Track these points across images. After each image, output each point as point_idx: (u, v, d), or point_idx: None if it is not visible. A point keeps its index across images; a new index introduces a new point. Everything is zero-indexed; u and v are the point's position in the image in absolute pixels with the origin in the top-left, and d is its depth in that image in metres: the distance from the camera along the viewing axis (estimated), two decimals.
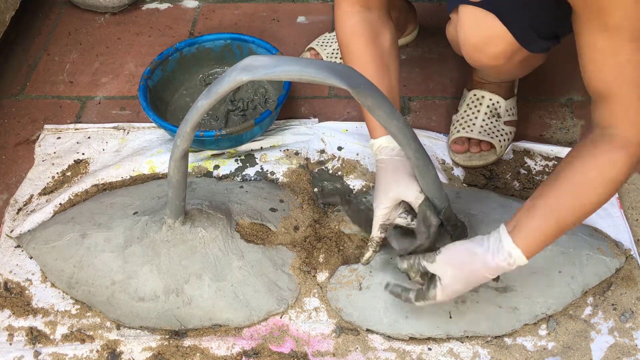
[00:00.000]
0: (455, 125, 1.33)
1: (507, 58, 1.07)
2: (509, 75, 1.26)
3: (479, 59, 1.10)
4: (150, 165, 1.33)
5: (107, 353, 1.07)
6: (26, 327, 1.10)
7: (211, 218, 1.13)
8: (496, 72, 1.23)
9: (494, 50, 1.06)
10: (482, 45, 1.06)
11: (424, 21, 1.60)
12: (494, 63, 1.09)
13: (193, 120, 0.91)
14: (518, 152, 1.33)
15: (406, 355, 1.05)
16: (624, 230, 1.18)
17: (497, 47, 1.05)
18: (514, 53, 1.07)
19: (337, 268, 1.14)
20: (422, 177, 0.98)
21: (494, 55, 1.07)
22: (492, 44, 1.05)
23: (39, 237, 1.19)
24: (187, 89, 1.46)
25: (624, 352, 1.04)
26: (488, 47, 1.06)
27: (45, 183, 1.32)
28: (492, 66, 1.10)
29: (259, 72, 0.82)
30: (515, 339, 1.06)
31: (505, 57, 1.07)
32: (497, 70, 1.16)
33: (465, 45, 1.09)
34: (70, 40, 1.66)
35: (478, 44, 1.07)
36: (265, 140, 1.36)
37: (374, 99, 0.85)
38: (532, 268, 1.09)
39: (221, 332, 1.09)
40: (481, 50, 1.07)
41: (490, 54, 1.07)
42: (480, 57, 1.09)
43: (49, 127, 1.43)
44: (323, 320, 1.10)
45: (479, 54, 1.08)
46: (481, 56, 1.08)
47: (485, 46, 1.06)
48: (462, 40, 1.08)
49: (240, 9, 1.72)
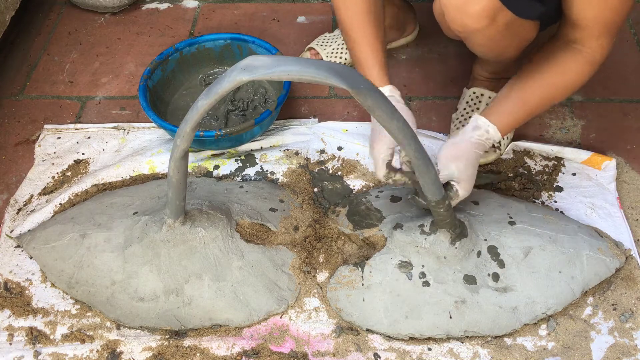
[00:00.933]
0: (455, 123, 1.33)
1: (490, 17, 1.06)
2: (499, 50, 1.22)
3: (462, 21, 1.08)
4: (150, 165, 1.33)
5: (107, 353, 1.07)
6: (26, 327, 1.10)
7: (211, 218, 1.13)
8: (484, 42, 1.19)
9: (475, 7, 1.04)
10: (463, 3, 1.06)
11: (424, 21, 1.60)
12: (477, 24, 1.07)
13: (193, 120, 0.91)
14: (518, 152, 1.33)
15: (406, 355, 1.05)
16: (624, 230, 1.18)
17: (478, 4, 1.04)
18: (496, 12, 1.05)
19: (337, 268, 1.14)
20: (422, 177, 0.99)
21: (476, 14, 1.05)
22: (473, 2, 1.05)
23: (39, 237, 1.19)
24: (187, 89, 1.46)
25: (624, 352, 1.04)
26: (469, 5, 1.05)
27: (45, 183, 1.32)
28: (476, 29, 1.08)
29: (259, 72, 0.82)
30: (515, 339, 1.06)
31: (487, 15, 1.05)
32: (484, 37, 1.14)
33: (447, 7, 1.08)
34: (70, 40, 1.66)
35: (459, 3, 1.06)
36: (265, 140, 1.36)
37: (374, 99, 0.85)
38: (532, 268, 1.09)
39: (221, 332, 1.09)
40: (462, 10, 1.06)
41: (472, 12, 1.05)
42: (462, 18, 1.07)
43: (49, 127, 1.43)
44: (323, 320, 1.10)
45: (461, 14, 1.07)
46: (463, 16, 1.07)
47: (466, 4, 1.05)
48: (444, 3, 1.08)
49: (240, 9, 1.72)
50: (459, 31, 1.11)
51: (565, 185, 1.27)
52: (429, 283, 1.08)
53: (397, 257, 1.11)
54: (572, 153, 1.30)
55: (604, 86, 1.46)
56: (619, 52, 1.53)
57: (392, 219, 1.16)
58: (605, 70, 1.49)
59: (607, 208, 1.22)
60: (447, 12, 1.09)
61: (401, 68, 1.53)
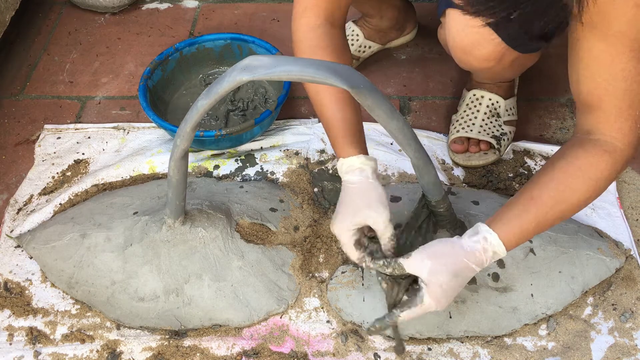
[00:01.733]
0: (455, 125, 1.33)
1: (497, 60, 1.07)
2: (502, 76, 1.25)
3: (469, 62, 1.09)
4: (150, 165, 1.33)
5: (107, 353, 1.07)
6: (26, 327, 1.10)
7: (211, 218, 1.13)
8: (489, 74, 1.22)
9: (482, 52, 1.05)
10: (470, 48, 1.06)
11: (424, 21, 1.60)
12: (484, 65, 1.08)
13: (193, 120, 0.91)
14: (518, 152, 1.33)
15: (406, 355, 1.05)
16: (624, 230, 1.18)
17: (485, 49, 1.04)
18: (503, 54, 1.06)
19: (337, 268, 1.14)
20: (422, 177, 0.98)
21: (483, 58, 1.06)
22: (480, 47, 1.04)
23: (39, 237, 1.19)
24: (187, 89, 1.46)
25: (624, 352, 1.04)
26: (476, 49, 1.05)
27: (45, 183, 1.32)
28: (482, 68, 1.10)
29: (259, 72, 0.82)
30: (515, 339, 1.06)
31: (494, 58, 1.06)
32: (489, 72, 1.16)
33: (454, 48, 1.08)
34: (70, 40, 1.66)
35: (466, 47, 1.06)
36: (265, 140, 1.36)
37: (374, 99, 0.85)
38: (532, 268, 1.09)
39: (221, 332, 1.09)
40: (470, 53, 1.07)
41: (479, 56, 1.06)
42: (470, 60, 1.08)
43: (49, 127, 1.43)
44: (323, 320, 1.10)
45: (468, 56, 1.08)
46: (470, 59, 1.08)
47: (473, 49, 1.05)
48: (451, 44, 1.08)
49: (240, 9, 1.72)
50: (464, 67, 1.11)
51: None
52: None
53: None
54: None
55: None
56: None
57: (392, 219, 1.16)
58: None
59: (607, 208, 1.22)
60: (453, 52, 1.09)
61: (401, 68, 1.53)
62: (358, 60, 1.51)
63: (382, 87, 1.49)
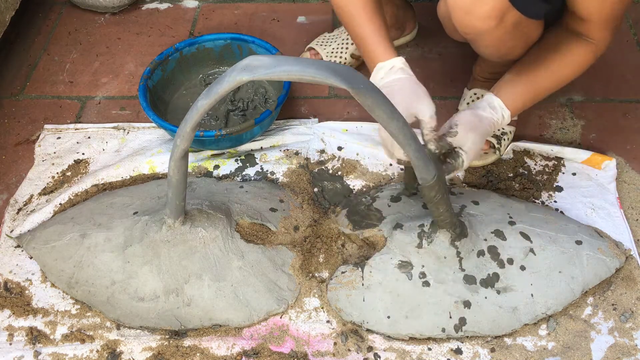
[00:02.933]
0: None
1: (498, 18, 1.05)
2: (506, 50, 1.22)
3: (470, 23, 1.07)
4: (150, 165, 1.33)
5: (107, 353, 1.07)
6: (26, 327, 1.10)
7: (211, 218, 1.13)
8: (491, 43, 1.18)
9: (484, 8, 1.03)
10: (471, 4, 1.04)
11: (424, 21, 1.60)
12: (485, 25, 1.06)
13: (193, 120, 0.91)
14: (518, 152, 1.33)
15: (406, 355, 1.05)
16: (624, 230, 1.18)
17: (486, 5, 1.03)
18: (504, 12, 1.04)
19: (337, 268, 1.14)
20: (422, 176, 0.98)
21: (484, 15, 1.04)
22: (480, 2, 1.04)
23: (39, 237, 1.19)
24: (187, 89, 1.46)
25: (624, 352, 1.04)
26: (477, 6, 1.03)
27: (45, 183, 1.32)
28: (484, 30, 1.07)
29: (259, 72, 0.82)
30: (515, 339, 1.06)
31: (495, 16, 1.04)
32: (491, 38, 1.13)
33: (454, 8, 1.06)
34: (70, 40, 1.66)
35: (466, 4, 1.04)
36: (265, 140, 1.36)
37: (374, 99, 0.85)
38: (532, 268, 1.09)
39: (221, 332, 1.09)
40: (470, 11, 1.05)
41: (480, 13, 1.04)
42: (471, 20, 1.06)
43: (49, 127, 1.43)
44: (323, 320, 1.10)
45: (469, 16, 1.05)
46: (471, 18, 1.06)
47: (474, 5, 1.04)
48: (451, 5, 1.06)
49: (240, 9, 1.72)
50: (466, 32, 1.10)
51: (565, 185, 1.27)
52: (429, 283, 1.08)
53: (397, 257, 1.11)
54: (572, 153, 1.30)
55: (604, 86, 1.46)
56: (619, 52, 1.53)
57: (392, 219, 1.16)
58: (605, 70, 1.49)
59: (607, 208, 1.22)
60: (454, 14, 1.08)
61: None
62: (358, 59, 1.51)
63: None
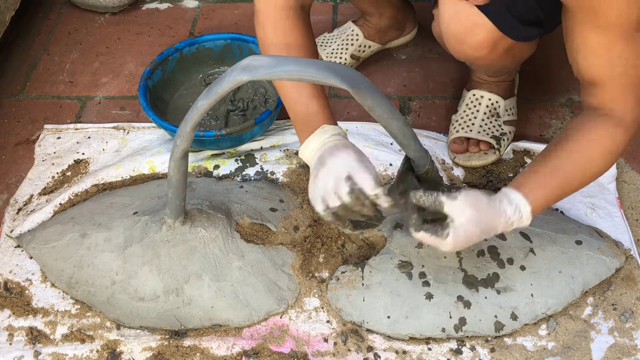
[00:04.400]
0: (455, 125, 1.33)
1: (490, 47, 1.05)
2: (499, 67, 1.23)
3: (463, 50, 1.08)
4: (150, 165, 1.33)
5: (107, 353, 1.07)
6: (26, 327, 1.10)
7: (211, 218, 1.13)
8: (486, 65, 1.20)
9: (476, 39, 1.04)
10: (463, 35, 1.05)
11: (424, 21, 1.60)
12: (478, 54, 1.07)
13: (193, 120, 0.91)
14: (518, 152, 1.33)
15: (406, 355, 1.05)
16: (624, 230, 1.18)
17: (478, 35, 1.03)
18: (496, 41, 1.05)
19: (337, 268, 1.14)
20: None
21: (477, 45, 1.05)
22: (472, 33, 1.04)
23: (39, 237, 1.19)
24: (187, 89, 1.46)
25: (624, 352, 1.04)
26: (469, 36, 1.04)
27: (45, 183, 1.32)
28: (477, 57, 1.09)
29: (259, 72, 0.82)
30: (515, 339, 1.06)
31: (488, 46, 1.05)
32: (485, 62, 1.13)
33: (448, 37, 1.07)
34: (70, 40, 1.66)
35: (459, 35, 1.05)
36: (265, 140, 1.36)
37: (374, 99, 0.85)
38: (532, 268, 1.09)
39: (221, 332, 1.09)
40: (463, 41, 1.06)
41: (472, 43, 1.05)
42: (463, 48, 1.07)
43: (49, 127, 1.43)
44: (323, 320, 1.10)
45: (462, 45, 1.07)
46: (464, 47, 1.07)
47: (466, 36, 1.05)
48: (445, 33, 1.07)
49: (240, 9, 1.72)
50: (460, 58, 1.11)
51: None
52: (429, 283, 1.08)
53: (397, 257, 1.11)
54: None
55: None
56: None
57: (392, 219, 1.16)
58: None
59: (607, 208, 1.22)
60: (447, 41, 1.09)
61: (401, 68, 1.53)
62: (358, 60, 1.51)
63: (382, 87, 1.49)
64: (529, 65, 1.48)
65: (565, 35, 0.94)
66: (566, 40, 0.94)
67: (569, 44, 0.94)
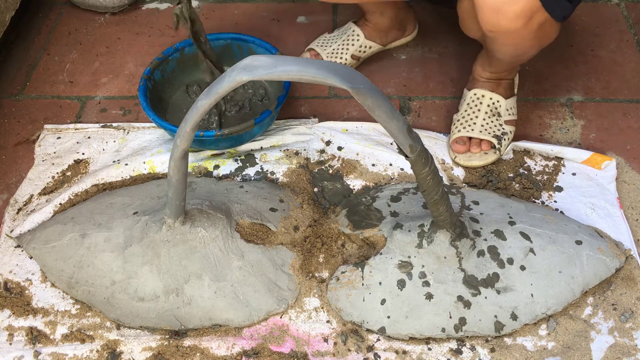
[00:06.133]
0: (456, 124, 1.33)
1: (527, 18, 1.03)
2: (520, 51, 1.20)
3: (497, 21, 1.05)
4: (150, 165, 1.33)
5: (107, 353, 1.07)
6: (26, 327, 1.10)
7: (211, 218, 1.13)
8: (510, 43, 1.16)
9: (515, 8, 1.02)
10: (502, 4, 1.03)
11: (424, 21, 1.60)
12: (512, 25, 1.04)
13: (193, 120, 0.91)
14: (518, 152, 1.33)
15: (406, 355, 1.05)
16: (624, 230, 1.18)
17: (517, 4, 1.02)
18: (534, 13, 1.03)
19: (337, 268, 1.14)
20: None
21: (514, 15, 1.03)
22: (512, 2, 1.02)
23: (39, 237, 1.19)
24: (187, 89, 1.46)
25: (624, 352, 1.04)
26: (508, 5, 1.02)
27: (45, 183, 1.32)
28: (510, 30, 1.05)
29: (259, 72, 0.82)
30: (515, 339, 1.06)
31: (525, 16, 1.02)
32: (512, 39, 1.11)
33: (483, 7, 1.04)
34: (70, 40, 1.66)
35: (497, 4, 1.03)
36: (265, 140, 1.36)
37: (374, 99, 0.85)
38: (532, 268, 1.09)
39: (221, 332, 1.09)
40: (500, 10, 1.03)
41: (510, 13, 1.02)
42: (499, 19, 1.04)
43: (49, 127, 1.43)
44: (323, 320, 1.10)
45: (497, 14, 1.03)
46: (499, 17, 1.04)
47: (504, 4, 1.03)
48: (480, 4, 1.05)
49: (240, 9, 1.72)
50: (491, 31, 1.09)
51: (565, 185, 1.27)
52: (429, 283, 1.08)
53: (397, 257, 1.11)
54: (572, 153, 1.30)
55: (604, 86, 1.46)
56: (619, 52, 1.53)
57: (392, 219, 1.16)
58: (605, 70, 1.50)
59: (607, 208, 1.22)
60: (481, 11, 1.06)
61: (401, 68, 1.53)
62: (358, 60, 1.51)
63: (382, 87, 1.49)
64: (529, 65, 1.48)
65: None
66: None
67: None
